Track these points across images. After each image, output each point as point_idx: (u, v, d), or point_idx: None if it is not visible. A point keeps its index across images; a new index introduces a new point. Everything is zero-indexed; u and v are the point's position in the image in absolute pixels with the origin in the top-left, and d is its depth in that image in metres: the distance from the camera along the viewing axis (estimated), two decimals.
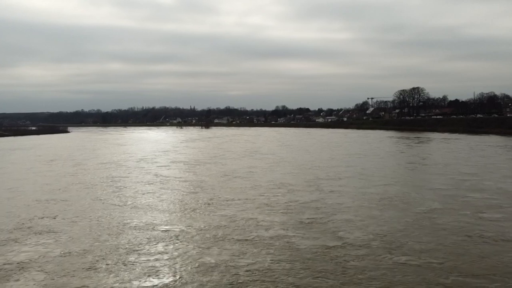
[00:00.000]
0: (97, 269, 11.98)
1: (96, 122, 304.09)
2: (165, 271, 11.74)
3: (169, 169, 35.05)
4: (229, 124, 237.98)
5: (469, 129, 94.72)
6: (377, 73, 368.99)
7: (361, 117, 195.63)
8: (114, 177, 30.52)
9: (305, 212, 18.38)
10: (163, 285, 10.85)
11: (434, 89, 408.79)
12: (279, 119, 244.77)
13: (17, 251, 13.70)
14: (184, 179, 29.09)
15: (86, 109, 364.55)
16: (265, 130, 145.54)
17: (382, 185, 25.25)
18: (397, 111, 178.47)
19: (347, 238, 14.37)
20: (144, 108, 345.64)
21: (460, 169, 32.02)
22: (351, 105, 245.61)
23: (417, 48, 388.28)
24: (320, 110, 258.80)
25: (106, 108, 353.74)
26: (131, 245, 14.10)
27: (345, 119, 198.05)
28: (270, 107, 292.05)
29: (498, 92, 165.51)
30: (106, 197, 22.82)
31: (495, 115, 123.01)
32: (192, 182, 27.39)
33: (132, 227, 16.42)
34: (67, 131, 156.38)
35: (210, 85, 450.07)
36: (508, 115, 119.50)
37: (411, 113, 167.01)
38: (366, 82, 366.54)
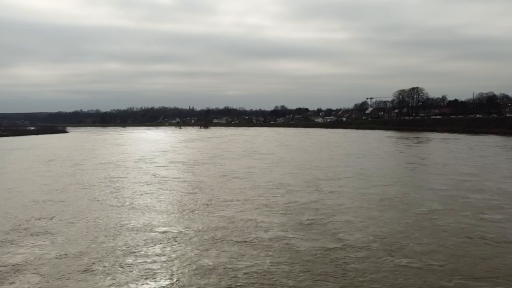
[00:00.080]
0: (93, 271, 11.80)
1: (95, 122, 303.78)
2: (162, 273, 11.56)
3: (167, 169, 34.87)
4: (228, 124, 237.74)
5: (468, 129, 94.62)
6: (375, 73, 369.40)
7: (360, 117, 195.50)
8: (112, 177, 30.34)
9: (304, 213, 18.21)
10: None
11: (432, 89, 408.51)
12: (278, 119, 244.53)
13: (12, 253, 13.53)
14: (183, 179, 28.91)
15: (85, 109, 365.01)
16: (264, 130, 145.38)
17: (381, 185, 25.09)
18: (396, 111, 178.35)
19: (347, 240, 14.20)
20: (143, 108, 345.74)
21: (460, 169, 31.88)
22: (350, 105, 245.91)
23: (415, 48, 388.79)
24: (319, 110, 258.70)
25: (104, 108, 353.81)
26: (128, 246, 13.93)
27: (344, 119, 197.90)
28: (269, 107, 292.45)
29: (497, 92, 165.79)
30: (104, 197, 22.64)
31: (495, 115, 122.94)
32: (190, 183, 27.22)
33: (130, 228, 16.24)
34: (65, 131, 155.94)
35: (208, 85, 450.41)
36: (507, 115, 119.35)
37: (410, 113, 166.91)
38: (365, 82, 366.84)
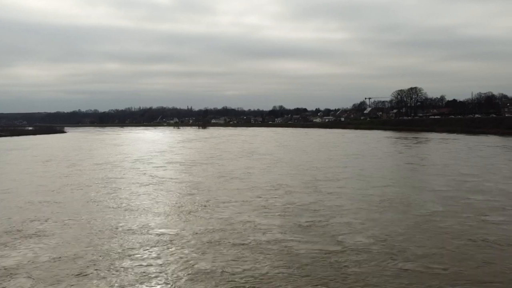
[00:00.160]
0: (87, 275, 11.49)
1: (93, 122, 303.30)
2: (158, 277, 11.25)
3: (165, 170, 34.56)
4: (226, 124, 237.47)
5: (467, 129, 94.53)
6: (374, 73, 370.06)
7: (359, 117, 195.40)
8: (109, 178, 30.01)
9: (303, 214, 17.91)
10: None
11: (431, 89, 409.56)
12: (276, 119, 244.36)
13: (5, 256, 13.18)
14: (180, 180, 28.61)
15: (83, 109, 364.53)
16: (262, 130, 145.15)
17: (381, 186, 24.81)
18: (394, 111, 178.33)
19: (347, 243, 13.90)
20: (141, 108, 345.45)
21: (460, 169, 31.62)
22: (348, 105, 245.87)
23: (413, 48, 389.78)
24: (318, 110, 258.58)
25: (103, 108, 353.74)
26: (123, 249, 13.62)
27: (343, 119, 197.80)
28: (268, 107, 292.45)
29: (496, 92, 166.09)
30: (100, 199, 22.32)
31: (493, 115, 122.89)
32: (188, 184, 26.91)
33: (126, 230, 15.93)
34: (63, 131, 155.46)
35: (206, 85, 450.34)
36: (506, 115, 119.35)
37: (408, 113, 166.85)
38: (363, 82, 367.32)
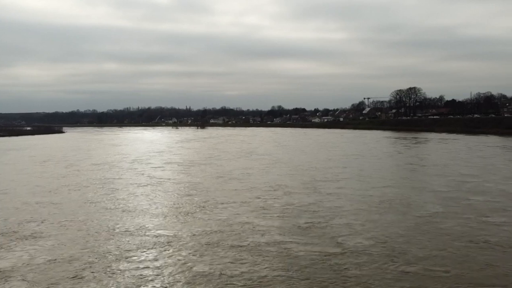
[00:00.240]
0: (82, 277, 11.29)
1: (91, 122, 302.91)
2: (155, 280, 11.05)
3: (163, 170, 34.35)
4: (225, 124, 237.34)
5: (466, 129, 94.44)
6: (373, 73, 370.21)
7: (358, 117, 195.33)
8: (107, 178, 29.80)
9: (302, 216, 17.72)
10: None
11: (430, 89, 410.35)
12: (275, 119, 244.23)
13: (0, 258, 12.98)
14: (178, 180, 28.40)
15: (82, 109, 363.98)
16: (261, 130, 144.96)
17: (381, 187, 24.63)
18: (393, 111, 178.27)
19: (347, 244, 13.70)
20: (140, 108, 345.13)
21: (460, 170, 31.45)
22: (347, 105, 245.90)
23: (413, 48, 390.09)
24: (316, 110, 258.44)
25: (102, 108, 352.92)
26: (120, 251, 13.41)
27: (342, 119, 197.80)
28: (266, 107, 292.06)
29: (495, 92, 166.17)
30: (98, 199, 22.10)
31: (492, 115, 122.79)
32: (186, 184, 26.70)
33: (123, 232, 15.72)
34: (62, 131, 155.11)
35: (206, 85, 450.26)
36: (505, 115, 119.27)
37: (407, 113, 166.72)
38: (362, 82, 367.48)
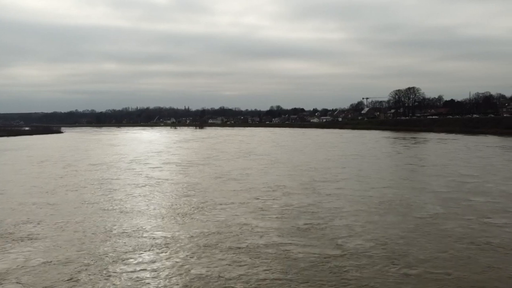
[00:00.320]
0: (78, 280, 11.09)
1: (90, 123, 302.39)
2: (152, 283, 10.85)
3: (161, 170, 34.13)
4: (224, 124, 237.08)
5: (465, 129, 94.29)
6: (372, 73, 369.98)
7: (356, 117, 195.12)
8: (105, 179, 29.58)
9: (301, 217, 17.53)
10: None
11: (429, 89, 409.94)
12: (273, 119, 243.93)
13: None
14: (176, 181, 28.19)
15: (81, 109, 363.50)
16: (259, 130, 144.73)
17: (380, 187, 24.45)
18: (392, 111, 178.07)
19: (347, 246, 13.51)
20: (138, 108, 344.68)
21: (460, 170, 31.28)
22: (346, 105, 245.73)
23: (412, 48, 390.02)
24: (315, 110, 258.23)
25: (101, 109, 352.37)
26: (117, 253, 13.21)
27: (340, 119, 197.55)
28: (265, 107, 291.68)
29: (494, 92, 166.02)
30: (95, 200, 21.89)
31: (491, 115, 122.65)
32: (184, 185, 26.50)
33: (120, 233, 15.51)
34: (60, 132, 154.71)
35: (205, 85, 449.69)
36: (504, 115, 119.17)
37: (406, 113, 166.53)
38: (361, 82, 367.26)
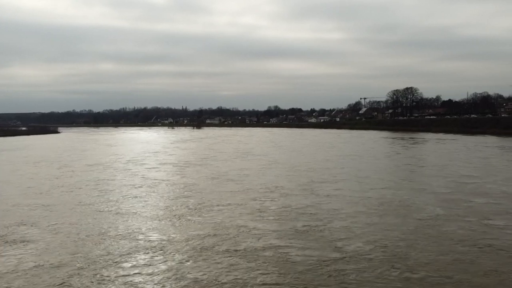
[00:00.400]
0: (70, 285, 10.78)
1: (87, 123, 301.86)
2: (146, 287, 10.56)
3: (158, 171, 33.79)
4: (221, 125, 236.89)
5: (463, 130, 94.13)
6: (370, 73, 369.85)
7: (354, 117, 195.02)
8: (101, 180, 29.22)
9: (299, 218, 17.22)
10: None
11: (427, 89, 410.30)
12: (271, 119, 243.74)
13: None
14: (173, 182, 27.86)
15: (79, 109, 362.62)
16: (257, 131, 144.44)
17: (380, 188, 24.16)
18: (390, 111, 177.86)
19: (346, 249, 13.21)
20: (136, 108, 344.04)
21: (460, 171, 31.03)
22: (343, 105, 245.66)
23: (411, 48, 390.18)
24: (313, 111, 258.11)
25: (99, 109, 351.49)
26: (111, 256, 12.88)
27: (338, 119, 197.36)
28: (263, 107, 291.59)
29: (492, 92, 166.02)
30: (90, 201, 21.54)
31: (489, 115, 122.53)
32: (181, 186, 26.17)
33: (114, 236, 15.18)
34: (57, 132, 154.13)
35: (203, 85, 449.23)
36: (502, 115, 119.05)
37: (404, 113, 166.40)
38: (359, 82, 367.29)
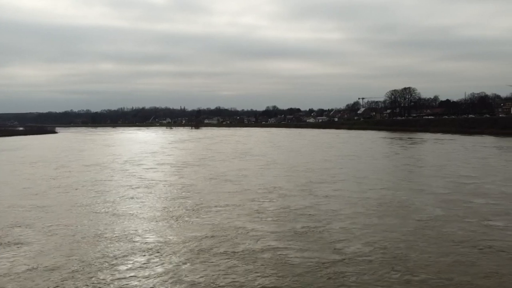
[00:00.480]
0: None
1: (85, 123, 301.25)
2: None
3: (155, 171, 33.58)
4: (220, 125, 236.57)
5: (461, 130, 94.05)
6: (369, 73, 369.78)
7: (352, 117, 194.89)
8: (98, 180, 29.00)
9: (298, 220, 17.04)
10: None
11: (425, 89, 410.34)
12: (269, 119, 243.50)
13: None
14: (171, 183, 27.65)
15: (77, 109, 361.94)
16: (256, 131, 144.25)
17: (379, 189, 23.99)
18: (388, 111, 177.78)
19: (346, 251, 13.03)
20: (134, 108, 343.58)
21: (458, 171, 30.89)
22: (342, 105, 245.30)
23: (410, 48, 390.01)
24: (311, 111, 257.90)
25: (97, 109, 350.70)
26: (107, 259, 12.68)
27: (336, 119, 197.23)
28: (261, 108, 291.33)
29: (489, 92, 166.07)
30: (86, 202, 21.32)
31: (487, 115, 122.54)
32: (179, 186, 25.96)
33: (110, 238, 14.97)
34: (55, 132, 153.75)
35: (203, 85, 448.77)
36: (500, 115, 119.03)
37: (402, 113, 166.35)
38: (358, 82, 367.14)
